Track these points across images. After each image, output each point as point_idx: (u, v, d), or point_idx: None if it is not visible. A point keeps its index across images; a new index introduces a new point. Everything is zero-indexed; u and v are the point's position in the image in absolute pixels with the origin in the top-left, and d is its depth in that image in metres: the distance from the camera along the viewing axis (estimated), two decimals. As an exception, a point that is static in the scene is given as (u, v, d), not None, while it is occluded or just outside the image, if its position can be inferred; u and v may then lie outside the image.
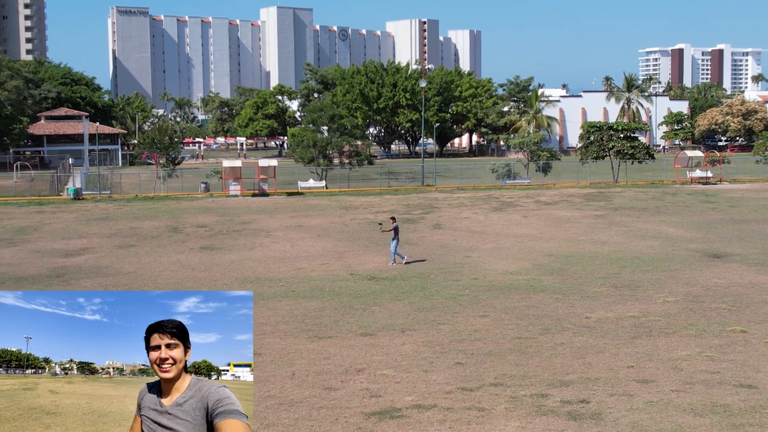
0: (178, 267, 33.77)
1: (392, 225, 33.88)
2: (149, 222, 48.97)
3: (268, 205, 58.47)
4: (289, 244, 39.45)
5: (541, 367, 18.88)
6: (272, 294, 27.98)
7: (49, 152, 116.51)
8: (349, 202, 59.53)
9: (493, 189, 69.64)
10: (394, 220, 34.39)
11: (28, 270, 33.46)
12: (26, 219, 51.23)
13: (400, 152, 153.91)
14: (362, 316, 24.38)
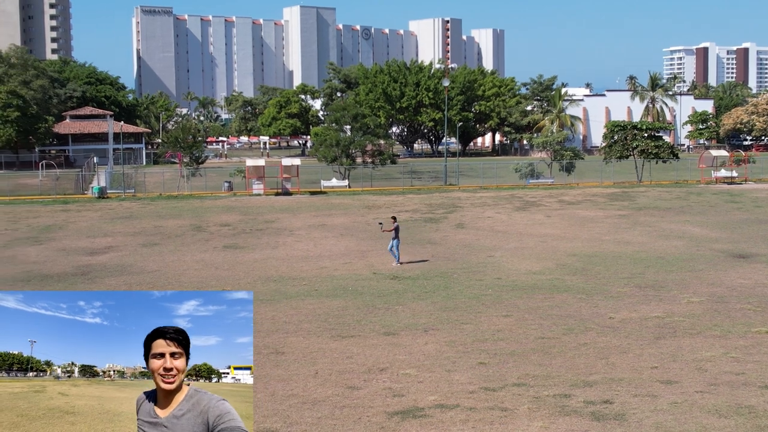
0: (201, 266, 33.93)
1: (393, 225, 33.70)
2: (173, 221, 49.23)
3: (291, 204, 58.63)
4: (312, 243, 39.55)
5: (564, 367, 18.83)
6: (295, 293, 28.06)
7: (74, 151, 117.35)
8: (371, 201, 59.60)
9: (516, 188, 69.48)
10: (395, 220, 34.20)
11: (53, 268, 33.73)
12: (51, 217, 51.63)
13: (423, 151, 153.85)
14: (385, 316, 24.40)
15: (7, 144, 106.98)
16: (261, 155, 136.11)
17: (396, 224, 33.79)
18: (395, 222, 33.94)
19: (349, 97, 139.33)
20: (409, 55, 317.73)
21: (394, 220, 34.12)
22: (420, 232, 43.17)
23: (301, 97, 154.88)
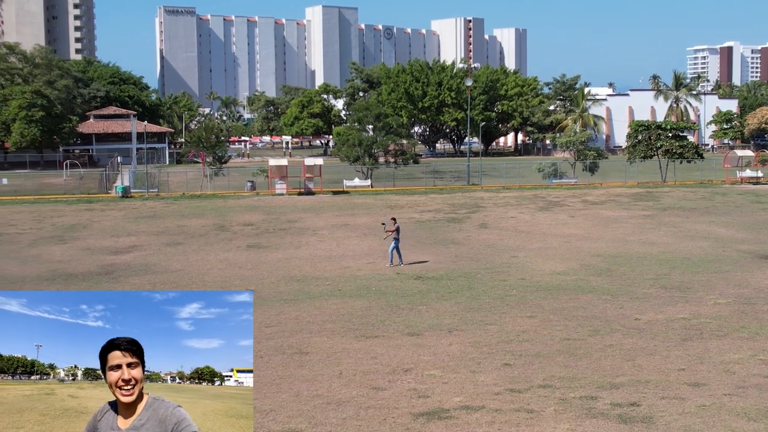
0: (225, 265, 33.98)
1: (394, 226, 33.47)
2: (196, 220, 49.36)
3: (313, 203, 58.67)
4: (335, 243, 39.53)
5: (590, 369, 18.70)
6: (319, 293, 28.04)
7: (98, 151, 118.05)
8: (394, 201, 59.54)
9: (539, 188, 69.24)
10: (395, 221, 34.00)
11: (78, 267, 33.88)
12: (76, 216, 51.90)
13: (445, 151, 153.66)
14: (409, 316, 24.34)
15: (32, 144, 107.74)
16: (283, 155, 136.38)
17: (396, 225, 33.58)
18: (395, 223, 33.73)
19: (372, 96, 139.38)
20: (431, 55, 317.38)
21: (394, 222, 33.89)
22: (443, 232, 43.08)
23: (324, 97, 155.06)
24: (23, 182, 68.51)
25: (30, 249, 39.12)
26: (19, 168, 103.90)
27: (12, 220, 50.24)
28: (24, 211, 55.13)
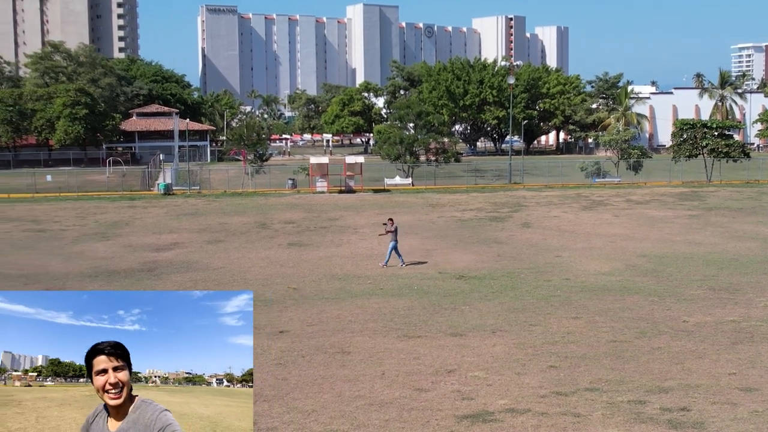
0: (266, 263, 33.91)
1: (392, 226, 32.86)
2: (238, 217, 49.43)
3: (354, 201, 58.54)
4: (376, 242, 39.28)
5: (638, 372, 18.28)
6: (360, 291, 27.84)
7: (140, 148, 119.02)
8: (435, 199, 59.24)
9: (582, 187, 68.52)
10: (393, 222, 33.43)
11: (120, 264, 33.99)
12: (118, 213, 52.22)
13: (486, 150, 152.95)
14: (452, 316, 24.04)
15: (76, 141, 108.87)
16: (324, 153, 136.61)
17: (395, 226, 33.02)
18: (393, 224, 33.15)
19: (412, 94, 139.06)
20: (472, 53, 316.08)
21: (392, 222, 33.27)
22: (485, 231, 42.70)
23: (364, 95, 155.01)
24: (67, 179, 69.17)
25: (73, 245, 39.36)
26: (63, 165, 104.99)
27: (56, 217, 50.67)
28: (67, 208, 55.60)
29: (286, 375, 18.38)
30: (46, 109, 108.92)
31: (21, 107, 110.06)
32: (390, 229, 32.69)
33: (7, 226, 46.68)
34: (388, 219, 33.97)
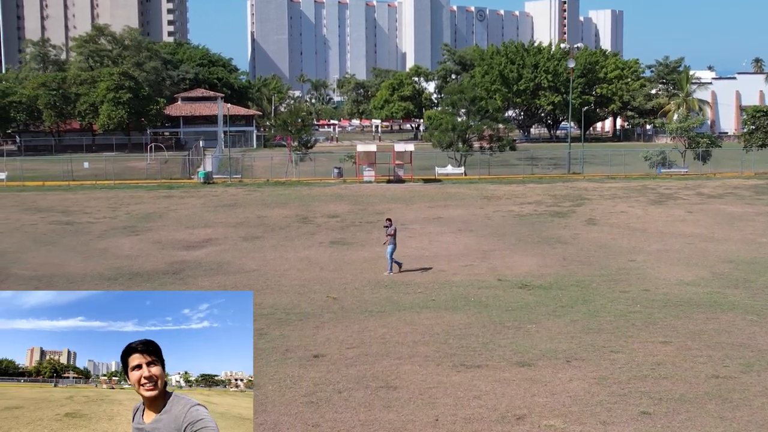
0: (305, 264, 30.53)
1: (391, 229, 28.82)
2: (278, 210, 46.15)
3: (403, 193, 54.99)
4: (428, 240, 35.73)
5: (753, 422, 14.62)
6: (409, 303, 24.32)
7: (185, 133, 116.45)
8: (490, 191, 55.41)
9: (647, 178, 64.13)
10: (392, 222, 29.34)
11: (145, 264, 30.84)
12: (153, 204, 49.25)
13: (540, 136, 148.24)
14: (516, 337, 20.45)
15: (119, 126, 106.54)
16: (372, 139, 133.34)
17: (394, 228, 29.00)
18: (391, 224, 29.13)
19: (464, 79, 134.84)
20: (524, 37, 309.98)
21: (390, 223, 29.20)
22: (547, 228, 38.88)
23: (415, 80, 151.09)
24: (105, 166, 66.38)
25: (99, 241, 36.36)
26: (106, 150, 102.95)
27: (87, 207, 47.85)
28: (101, 198, 52.82)
29: (318, 419, 15.02)
30: (89, 93, 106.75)
31: (65, 91, 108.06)
32: (389, 232, 28.81)
33: (34, 218, 43.91)
34: (386, 219, 29.94)
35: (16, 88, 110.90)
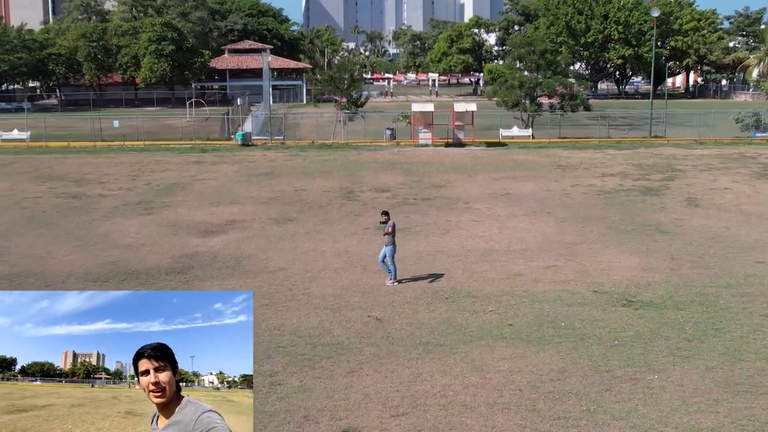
0: (343, 262, 24.35)
1: (389, 226, 21.88)
2: (320, 181, 39.96)
3: (464, 159, 48.38)
4: (496, 226, 29.27)
5: None
6: (477, 329, 18.06)
7: (232, 88, 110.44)
8: (563, 158, 48.49)
9: (740, 144, 56.56)
10: (389, 216, 22.27)
11: (146, 258, 24.90)
12: (180, 172, 43.37)
13: (608, 92, 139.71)
14: (634, 400, 14.19)
15: (162, 79, 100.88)
16: (429, 93, 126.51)
17: (392, 223, 22.07)
18: (389, 218, 22.20)
19: (528, 30, 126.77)
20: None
21: (387, 217, 22.18)
22: (640, 211, 32.12)
23: (474, 31, 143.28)
24: (139, 124, 60.58)
25: (102, 223, 30.54)
26: (148, 105, 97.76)
27: (105, 176, 42.16)
28: (124, 163, 47.11)
29: None
30: (131, 45, 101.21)
31: (105, 43, 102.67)
32: (387, 230, 21.98)
33: (41, 189, 38.32)
34: (382, 213, 22.51)
35: (55, 40, 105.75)
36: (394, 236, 22.09)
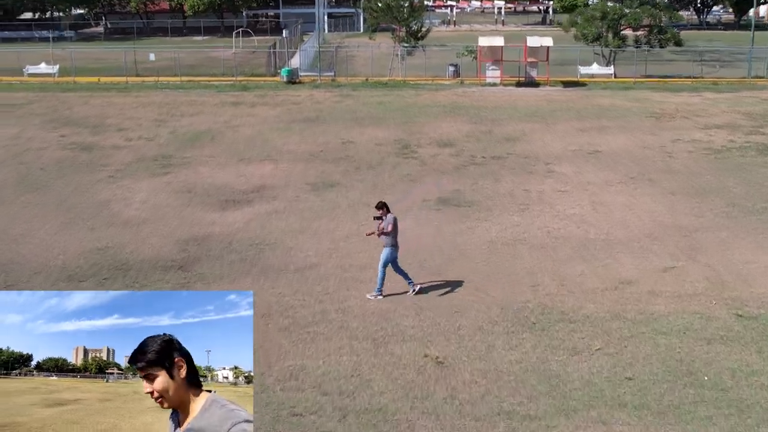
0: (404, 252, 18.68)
1: (385, 222, 16.13)
2: (372, 130, 34.14)
3: (539, 102, 42.07)
4: (588, 200, 23.32)
5: None
6: (581, 385, 12.52)
7: (285, 15, 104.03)
8: (655, 103, 41.80)
9: None
10: (387, 209, 16.31)
11: (144, 244, 19.61)
12: (213, 116, 37.85)
13: (688, 22, 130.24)
14: None
15: (210, 6, 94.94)
16: (494, 22, 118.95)
17: (391, 216, 16.29)
18: (387, 211, 16.31)
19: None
20: None
21: (385, 211, 16.29)
22: (764, 178, 25.84)
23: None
24: (178, 57, 54.88)
25: (105, 186, 25.28)
26: (196, 34, 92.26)
27: (126, 120, 36.83)
28: (154, 103, 41.73)
29: None
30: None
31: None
32: (384, 227, 16.16)
33: (51, 137, 33.17)
34: (379, 207, 16.44)
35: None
36: (395, 236, 16.34)
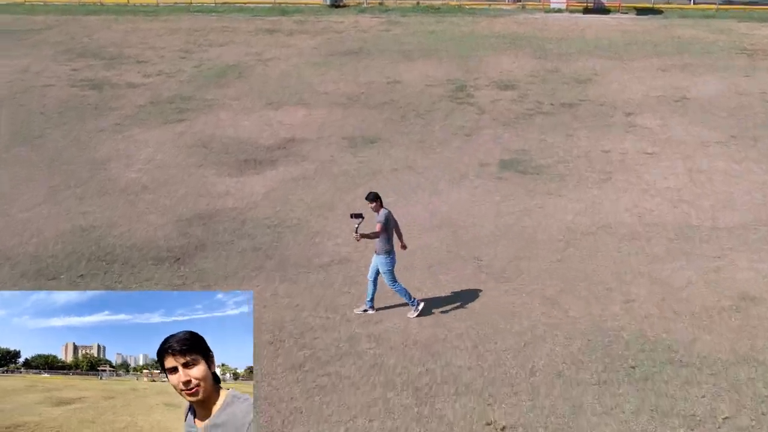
0: (444, 245, 15.12)
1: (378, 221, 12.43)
2: (421, 66, 29.92)
3: (611, 33, 37.34)
4: (683, 166, 19.16)
5: None
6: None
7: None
8: (744, 36, 36.74)
9: None
10: (380, 202, 12.61)
11: (138, 224, 16.11)
12: (244, 46, 33.81)
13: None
14: None
15: None
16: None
17: (385, 212, 12.58)
18: (380, 205, 12.62)
19: None
20: None
21: (378, 204, 12.58)
22: None
23: None
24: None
25: (109, 137, 21.68)
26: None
27: (150, 50, 33.01)
28: (182, 30, 37.79)
29: None
30: None
31: None
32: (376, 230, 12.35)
33: (61, 71, 29.54)
34: (371, 199, 12.66)
35: None
36: (389, 238, 12.47)
